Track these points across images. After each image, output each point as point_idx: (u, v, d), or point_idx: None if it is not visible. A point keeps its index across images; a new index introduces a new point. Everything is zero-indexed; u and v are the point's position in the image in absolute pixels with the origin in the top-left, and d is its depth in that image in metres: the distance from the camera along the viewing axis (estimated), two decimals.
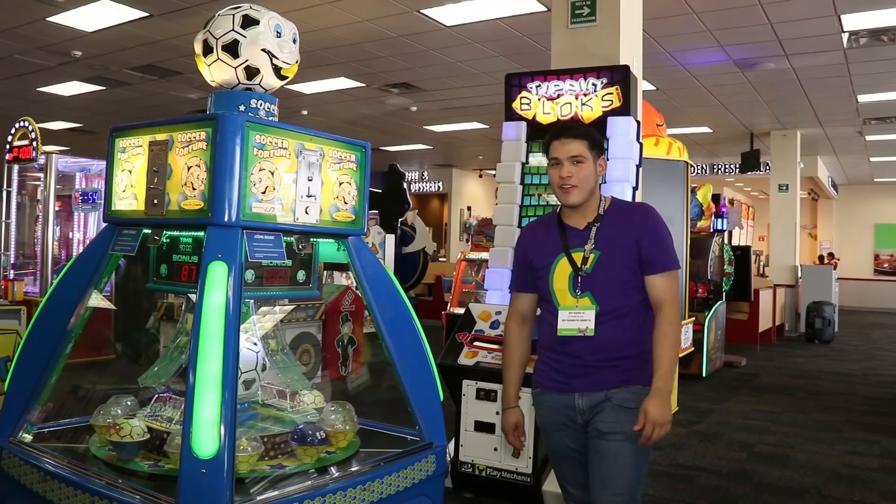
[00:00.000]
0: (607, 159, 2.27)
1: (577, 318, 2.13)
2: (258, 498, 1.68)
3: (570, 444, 2.21)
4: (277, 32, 1.98)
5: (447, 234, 18.54)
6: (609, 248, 2.14)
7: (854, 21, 6.74)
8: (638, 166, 3.88)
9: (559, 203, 2.26)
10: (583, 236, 2.17)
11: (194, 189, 1.79)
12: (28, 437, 2.03)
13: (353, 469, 1.93)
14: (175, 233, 1.98)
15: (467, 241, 12.86)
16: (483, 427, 3.64)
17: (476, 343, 3.78)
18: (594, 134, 2.24)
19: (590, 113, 3.96)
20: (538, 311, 2.31)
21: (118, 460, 1.87)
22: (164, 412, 2.01)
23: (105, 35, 7.72)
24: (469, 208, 18.83)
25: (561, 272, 2.17)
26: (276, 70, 2.00)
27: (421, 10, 6.82)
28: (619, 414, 2.09)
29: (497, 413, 3.58)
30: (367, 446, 2.10)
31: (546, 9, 6.30)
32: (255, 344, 2.05)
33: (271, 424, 2.00)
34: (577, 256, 2.15)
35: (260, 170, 1.79)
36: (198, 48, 2.00)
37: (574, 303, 2.13)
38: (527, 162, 4.18)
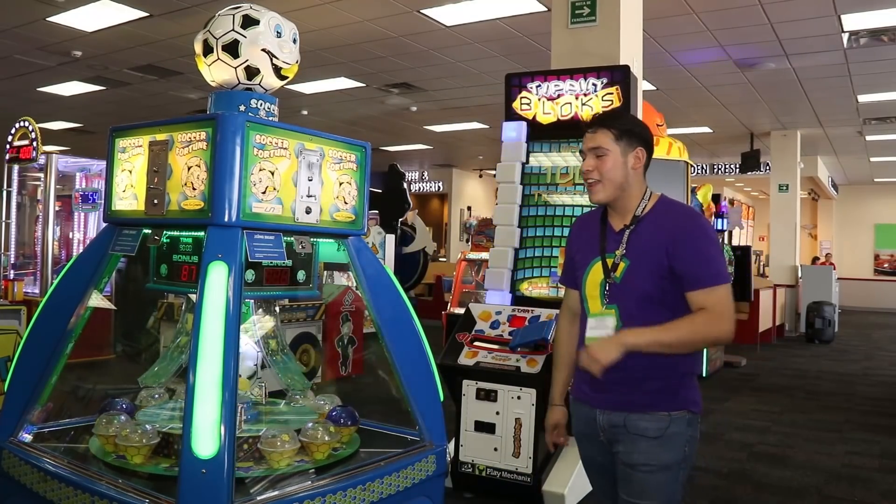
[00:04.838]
0: (648, 151, 1.98)
1: (601, 325, 1.92)
2: (258, 498, 1.68)
3: (597, 456, 2.04)
4: (277, 32, 1.98)
5: (447, 234, 18.54)
6: (639, 257, 1.90)
7: (854, 21, 6.74)
8: None
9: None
10: (616, 240, 1.95)
11: (194, 189, 1.79)
12: (28, 437, 2.03)
13: (352, 469, 1.92)
14: (175, 233, 1.98)
15: (467, 241, 12.87)
16: (483, 427, 3.64)
17: (476, 343, 3.77)
18: (626, 122, 1.98)
19: (589, 113, 3.96)
20: None
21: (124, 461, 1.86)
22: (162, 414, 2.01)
23: (105, 35, 7.72)
24: (469, 208, 18.83)
25: (594, 276, 1.97)
26: (277, 70, 2.00)
27: (421, 10, 6.82)
28: (638, 444, 1.89)
29: (497, 413, 3.61)
30: (367, 446, 2.09)
31: (546, 9, 6.30)
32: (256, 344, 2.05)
33: (271, 424, 2.00)
34: (611, 262, 1.94)
35: (260, 170, 1.79)
36: (198, 48, 2.00)
37: (602, 312, 1.96)
38: (527, 162, 4.18)
